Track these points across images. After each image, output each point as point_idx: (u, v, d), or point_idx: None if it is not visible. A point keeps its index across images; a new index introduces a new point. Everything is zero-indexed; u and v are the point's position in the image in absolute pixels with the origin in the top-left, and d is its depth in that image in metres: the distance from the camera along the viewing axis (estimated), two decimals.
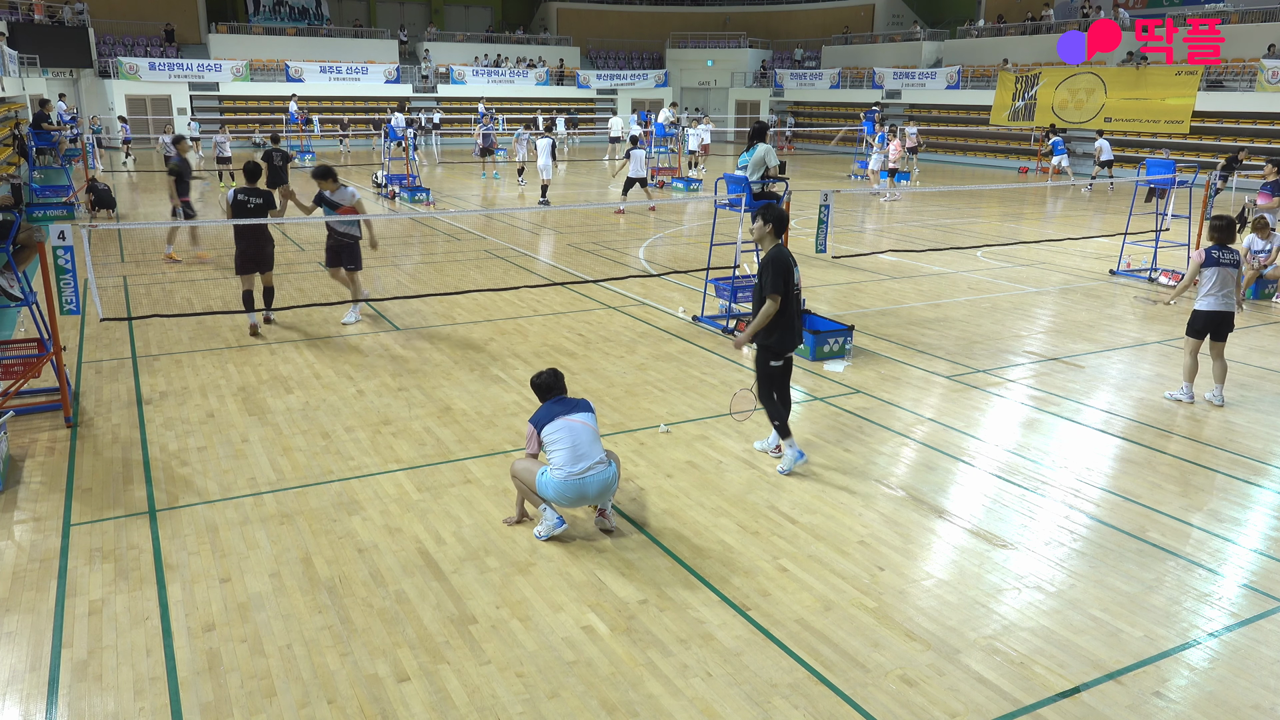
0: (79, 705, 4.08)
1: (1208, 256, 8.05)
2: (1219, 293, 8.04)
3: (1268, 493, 6.42)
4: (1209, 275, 8.06)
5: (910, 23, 42.95)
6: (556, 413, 5.58)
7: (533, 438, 5.64)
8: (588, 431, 5.54)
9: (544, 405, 5.71)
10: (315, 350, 9.49)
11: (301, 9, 42.78)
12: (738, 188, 10.53)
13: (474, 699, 4.14)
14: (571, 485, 5.39)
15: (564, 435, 5.47)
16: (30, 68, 30.53)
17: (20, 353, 7.88)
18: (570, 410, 5.61)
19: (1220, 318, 8.06)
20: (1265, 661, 4.50)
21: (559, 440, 5.47)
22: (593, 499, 5.53)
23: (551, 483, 5.44)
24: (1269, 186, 12.71)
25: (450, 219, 18.94)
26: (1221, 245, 8.13)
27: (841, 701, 4.16)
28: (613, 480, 5.56)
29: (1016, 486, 6.44)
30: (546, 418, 5.58)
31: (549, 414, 5.59)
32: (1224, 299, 8.05)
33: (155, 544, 5.48)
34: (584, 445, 5.48)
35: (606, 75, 45.25)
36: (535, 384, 5.80)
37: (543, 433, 5.54)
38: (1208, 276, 8.06)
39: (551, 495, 5.47)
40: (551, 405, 5.67)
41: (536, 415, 5.66)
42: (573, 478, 5.39)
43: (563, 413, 5.57)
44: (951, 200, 23.62)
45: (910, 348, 9.83)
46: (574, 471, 5.40)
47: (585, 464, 5.42)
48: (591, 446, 5.50)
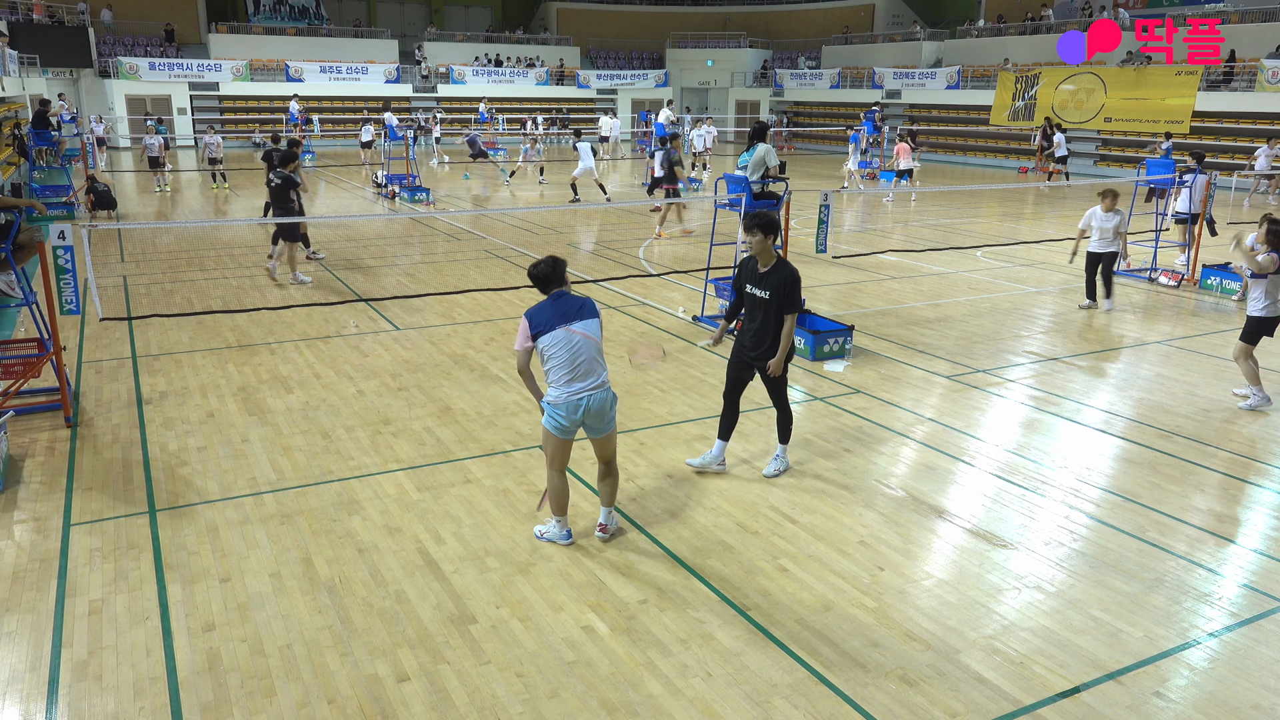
0: (79, 705, 4.08)
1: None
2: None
3: (1268, 493, 6.42)
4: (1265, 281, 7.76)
5: (910, 23, 42.94)
6: (555, 319, 5.15)
7: (524, 335, 5.19)
8: (589, 346, 5.19)
9: (544, 301, 5.24)
10: (315, 350, 9.49)
11: (301, 9, 42.77)
12: (738, 188, 10.53)
13: (474, 699, 4.14)
14: (569, 404, 5.14)
15: (562, 349, 5.13)
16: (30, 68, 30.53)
17: (20, 353, 7.88)
18: (571, 316, 5.18)
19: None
20: (1265, 661, 4.50)
21: (556, 354, 5.14)
22: (588, 422, 5.25)
23: (549, 392, 5.21)
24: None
25: (450, 219, 18.94)
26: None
27: (841, 701, 4.16)
28: (610, 405, 5.28)
29: (1016, 486, 6.44)
30: (544, 323, 5.15)
31: (547, 318, 5.16)
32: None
33: (155, 544, 5.48)
34: (584, 362, 5.16)
35: (606, 75, 45.25)
36: (532, 274, 5.29)
37: (539, 341, 5.15)
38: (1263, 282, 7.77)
39: (548, 405, 5.22)
40: (552, 304, 5.21)
41: (534, 311, 5.20)
42: (570, 397, 5.14)
43: (562, 320, 5.15)
44: (951, 200, 23.62)
45: (910, 348, 9.83)
46: (570, 393, 5.13)
47: (581, 385, 5.15)
48: (592, 363, 5.19)
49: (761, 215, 6.16)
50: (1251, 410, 8.01)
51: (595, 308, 5.35)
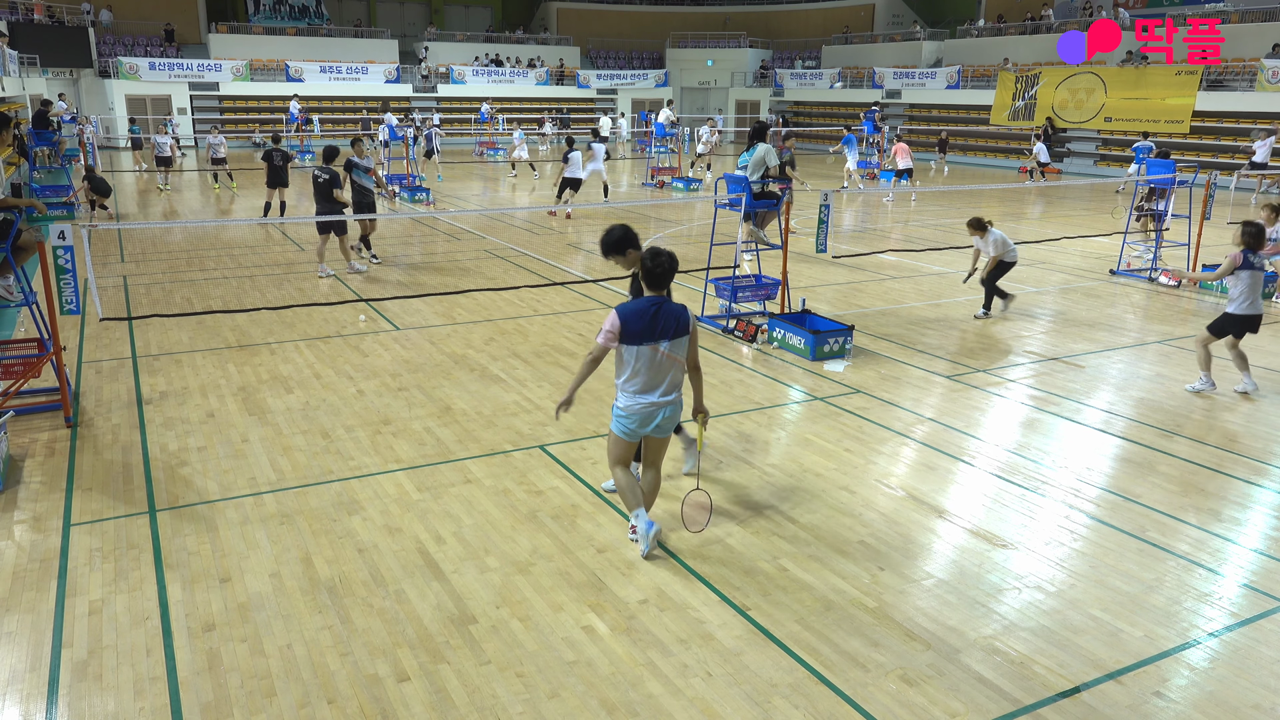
0: (79, 705, 4.08)
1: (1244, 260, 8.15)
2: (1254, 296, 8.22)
3: (1268, 493, 6.42)
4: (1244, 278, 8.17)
5: (910, 23, 42.95)
6: (648, 333, 5.00)
7: (611, 334, 5.01)
8: (674, 365, 5.14)
9: (643, 305, 5.04)
10: (315, 350, 9.49)
11: (301, 9, 42.77)
12: (738, 188, 10.54)
13: (474, 699, 4.14)
14: (643, 414, 5.14)
15: (645, 365, 5.06)
16: (30, 68, 30.54)
17: (20, 353, 7.88)
18: (665, 334, 5.05)
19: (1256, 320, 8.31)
20: (1265, 661, 4.50)
21: (637, 367, 5.08)
22: (648, 431, 5.24)
23: (620, 397, 5.20)
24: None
25: (450, 219, 18.95)
26: (1254, 250, 8.24)
27: (841, 701, 4.16)
28: (678, 414, 5.27)
29: (1016, 486, 6.44)
30: (636, 334, 4.99)
31: (640, 329, 4.99)
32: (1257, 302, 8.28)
33: (155, 544, 5.48)
34: (664, 378, 5.14)
35: (606, 75, 45.26)
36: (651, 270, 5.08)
37: (623, 348, 5.03)
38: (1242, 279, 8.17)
39: (618, 411, 5.21)
40: (649, 312, 5.01)
41: (629, 316, 4.99)
42: (645, 408, 5.13)
43: (655, 336, 5.02)
44: (951, 200, 23.62)
45: (910, 348, 9.83)
46: (644, 403, 5.12)
47: (653, 396, 5.13)
48: (672, 380, 5.16)
49: (603, 243, 5.87)
50: (1196, 393, 8.38)
51: (691, 321, 5.18)
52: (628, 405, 5.17)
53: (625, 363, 5.11)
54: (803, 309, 10.15)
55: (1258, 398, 8.35)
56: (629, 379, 5.14)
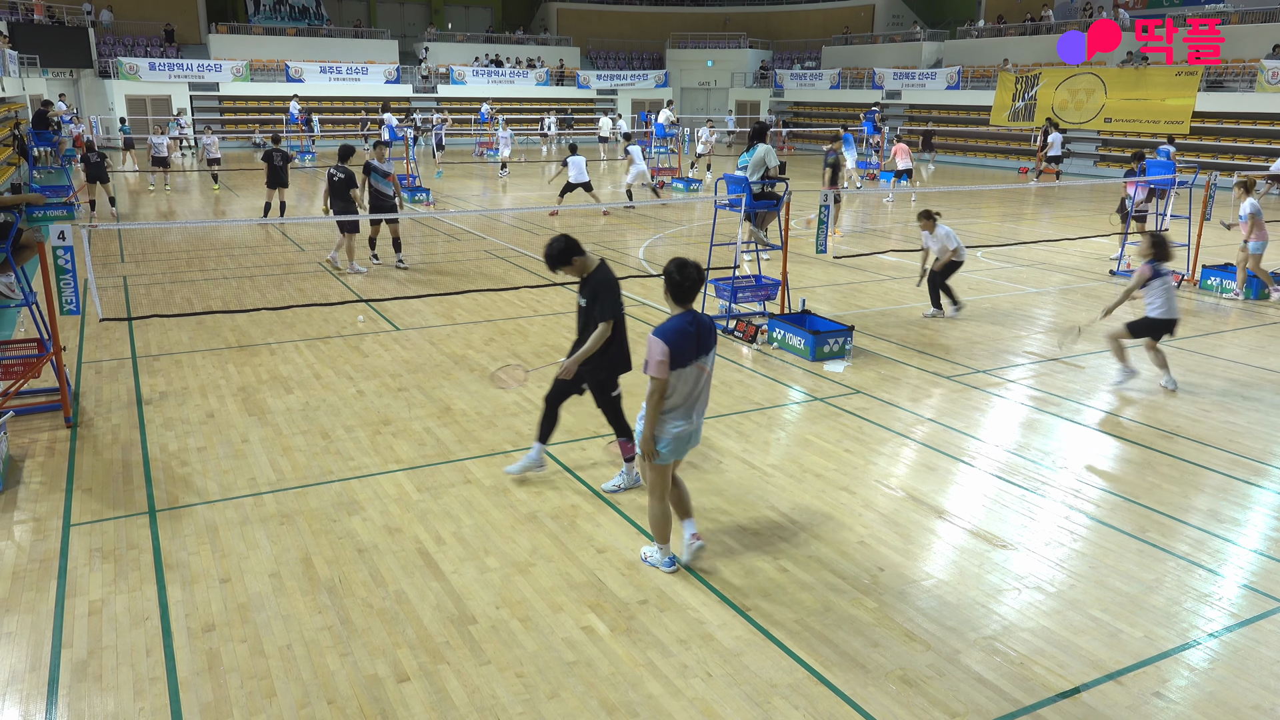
0: (79, 705, 4.08)
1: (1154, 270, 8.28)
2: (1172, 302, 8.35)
3: (1268, 493, 6.42)
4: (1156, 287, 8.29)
5: (910, 23, 42.95)
6: (694, 351, 4.79)
7: (662, 363, 4.68)
8: (706, 382, 4.95)
9: (682, 322, 4.79)
10: (315, 350, 9.49)
11: (301, 9, 42.78)
12: (738, 188, 10.54)
13: (474, 699, 4.14)
14: (680, 438, 4.91)
15: (688, 386, 4.83)
16: (30, 68, 30.54)
17: (20, 353, 7.88)
18: (702, 346, 4.83)
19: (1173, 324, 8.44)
20: (1265, 662, 4.50)
21: (681, 392, 4.83)
22: (686, 452, 5.08)
23: (664, 428, 4.91)
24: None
25: (450, 219, 18.94)
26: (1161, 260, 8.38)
27: (841, 701, 4.16)
28: (698, 434, 5.11)
29: (1016, 486, 6.44)
30: (684, 354, 4.74)
31: (688, 347, 4.76)
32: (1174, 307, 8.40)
33: (155, 544, 5.48)
34: (700, 397, 4.95)
35: (606, 75, 45.26)
36: (677, 282, 4.79)
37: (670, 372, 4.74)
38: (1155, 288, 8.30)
39: (662, 444, 4.93)
40: (691, 329, 4.79)
41: (674, 337, 4.71)
42: (683, 430, 4.91)
43: (701, 353, 4.83)
44: (951, 200, 23.62)
45: (910, 348, 9.83)
46: (682, 427, 4.90)
47: (689, 421, 4.91)
48: (703, 398, 4.99)
49: (547, 257, 5.87)
50: (1117, 387, 8.46)
51: (713, 325, 5.05)
52: (669, 431, 4.90)
53: (668, 387, 4.81)
54: (803, 309, 10.16)
55: (1258, 397, 8.35)
56: (670, 403, 4.86)
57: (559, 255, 5.84)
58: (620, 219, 19.34)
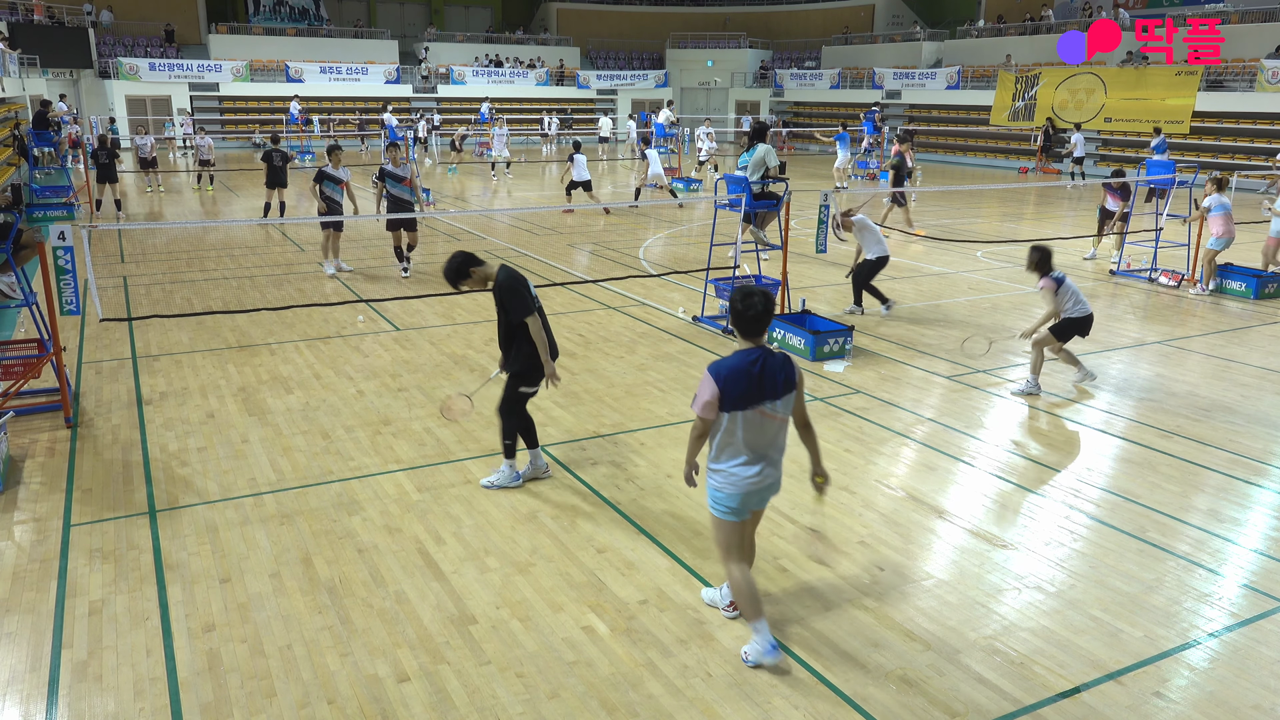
0: (79, 705, 4.08)
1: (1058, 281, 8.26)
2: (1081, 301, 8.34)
3: (1268, 493, 6.42)
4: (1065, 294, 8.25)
5: (910, 23, 42.95)
6: (752, 394, 4.11)
7: (709, 403, 4.10)
8: (781, 429, 4.29)
9: (741, 360, 4.13)
10: (315, 350, 9.49)
11: (301, 9, 42.78)
12: (738, 188, 10.53)
13: (474, 699, 4.14)
14: (745, 493, 4.27)
15: (750, 432, 4.18)
16: (30, 68, 30.54)
17: (20, 353, 7.89)
18: (773, 393, 4.13)
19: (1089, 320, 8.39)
20: (1265, 661, 4.50)
21: (739, 435, 4.19)
22: (756, 505, 4.41)
23: (715, 474, 4.31)
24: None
25: (450, 219, 18.94)
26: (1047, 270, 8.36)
27: (841, 702, 4.16)
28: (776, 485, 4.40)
29: (1016, 486, 6.44)
30: (738, 397, 4.09)
31: (743, 390, 4.09)
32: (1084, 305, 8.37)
33: (155, 544, 5.48)
34: (770, 445, 4.27)
35: (606, 75, 45.26)
36: (744, 315, 4.14)
37: (722, 414, 4.14)
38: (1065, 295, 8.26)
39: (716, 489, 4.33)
40: (751, 368, 4.10)
41: (727, 376, 4.09)
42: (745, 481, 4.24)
43: (761, 397, 4.12)
44: (951, 200, 23.62)
45: (910, 348, 9.83)
46: (744, 476, 4.23)
47: (757, 471, 4.25)
48: (779, 445, 4.32)
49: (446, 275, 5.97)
50: (1022, 394, 8.35)
51: (798, 373, 4.26)
52: (730, 480, 4.26)
53: (721, 428, 4.20)
54: (803, 309, 10.15)
55: (1258, 398, 8.35)
56: (727, 447, 4.23)
57: (456, 270, 5.89)
58: (621, 219, 19.34)
